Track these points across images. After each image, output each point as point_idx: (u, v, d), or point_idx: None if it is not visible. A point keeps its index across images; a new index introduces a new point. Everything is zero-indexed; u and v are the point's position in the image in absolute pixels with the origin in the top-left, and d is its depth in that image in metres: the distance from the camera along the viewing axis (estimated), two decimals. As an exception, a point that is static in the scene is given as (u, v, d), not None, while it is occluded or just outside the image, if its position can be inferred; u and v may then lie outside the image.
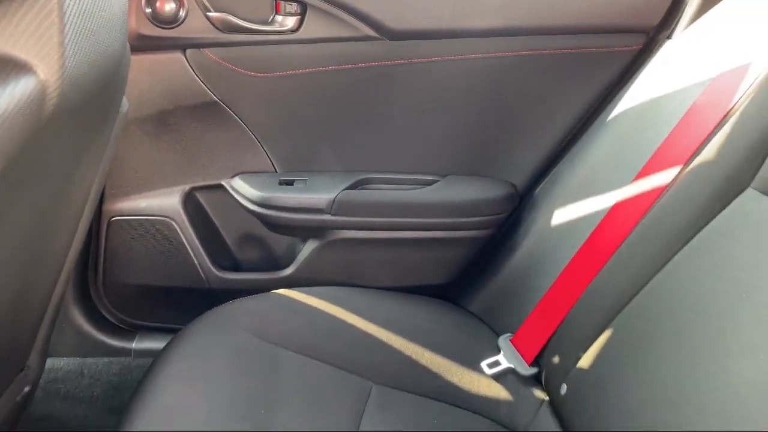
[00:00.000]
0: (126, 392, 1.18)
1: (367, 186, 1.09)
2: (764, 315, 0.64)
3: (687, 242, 0.79)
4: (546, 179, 1.09)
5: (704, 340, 0.69)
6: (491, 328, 1.07)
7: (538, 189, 1.11)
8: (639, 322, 0.80)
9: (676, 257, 0.79)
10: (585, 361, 0.86)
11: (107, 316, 1.17)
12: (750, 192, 0.75)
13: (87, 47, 0.56)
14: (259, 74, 1.00)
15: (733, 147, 0.79)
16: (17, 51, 0.50)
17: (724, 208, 0.77)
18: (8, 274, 0.71)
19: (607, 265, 0.90)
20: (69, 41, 0.52)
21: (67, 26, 0.52)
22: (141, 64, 0.97)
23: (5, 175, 0.54)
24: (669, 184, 0.86)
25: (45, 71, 0.52)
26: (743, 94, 0.82)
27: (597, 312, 0.87)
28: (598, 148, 1.01)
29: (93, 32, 0.57)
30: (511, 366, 0.98)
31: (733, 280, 0.71)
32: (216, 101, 1.02)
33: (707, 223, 0.78)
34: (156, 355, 0.87)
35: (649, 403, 0.72)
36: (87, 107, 0.66)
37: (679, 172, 0.85)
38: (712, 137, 0.83)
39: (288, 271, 1.12)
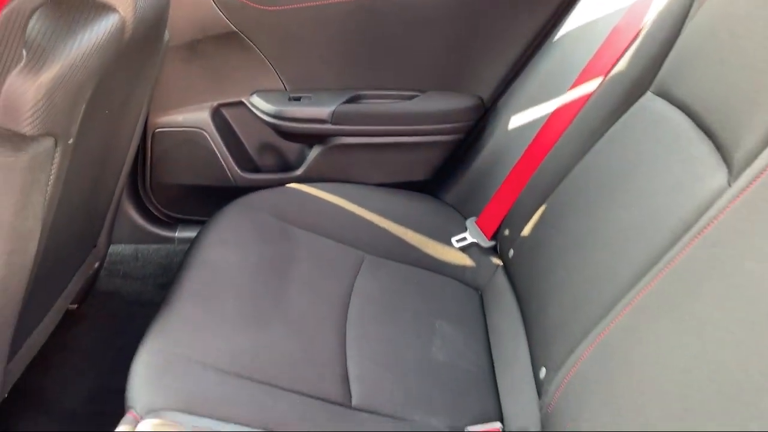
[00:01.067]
0: (172, 272, 1.42)
1: (360, 100, 1.30)
2: (647, 180, 0.86)
3: (602, 135, 1.00)
4: (506, 93, 1.30)
5: (602, 203, 0.91)
6: (461, 213, 1.29)
7: (500, 101, 1.31)
8: (564, 198, 1.03)
9: (594, 147, 1.01)
10: (526, 230, 1.09)
11: (153, 210, 1.40)
12: (649, 94, 0.96)
13: (150, -8, 0.77)
14: (270, 8, 1.20)
15: (638, 59, 0.99)
16: (105, -3, 0.71)
17: (630, 107, 0.98)
18: (89, 165, 0.94)
19: (546, 157, 1.12)
20: (139, -12, 0.73)
21: None
22: (174, 1, 1.16)
23: (96, 90, 0.76)
24: (593, 91, 1.07)
25: (124, 11, 0.73)
26: (649, 17, 1.01)
27: (537, 194, 1.10)
28: (545, 66, 1.21)
29: (153, -20, 0.77)
30: (475, 241, 1.21)
31: (629, 158, 0.92)
32: (236, 32, 1.22)
33: (617, 119, 0.99)
34: (199, 231, 1.11)
35: (564, 250, 0.95)
36: (145, 38, 0.87)
37: (602, 81, 1.06)
38: (626, 52, 1.03)
39: (298, 172, 1.35)
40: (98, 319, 1.36)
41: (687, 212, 0.73)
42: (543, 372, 0.86)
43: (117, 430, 0.74)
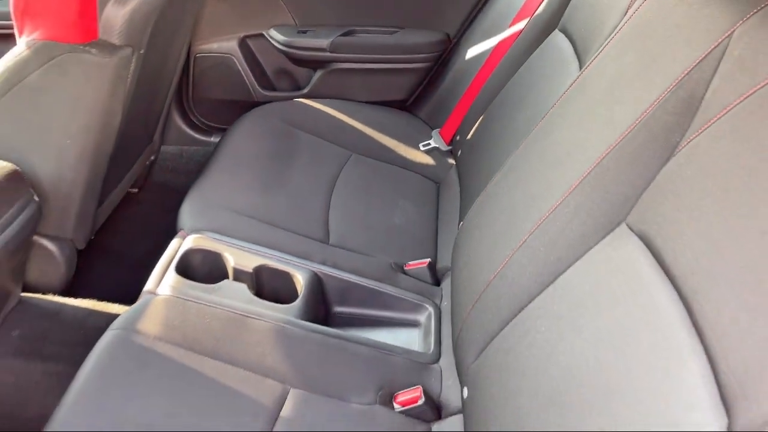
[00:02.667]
0: (208, 169, 1.78)
1: (353, 34, 1.62)
2: (538, 92, 1.17)
3: (521, 65, 1.31)
4: (467, 31, 1.60)
5: (513, 111, 1.23)
6: (429, 125, 1.62)
7: (462, 37, 1.62)
8: (494, 110, 1.34)
9: (516, 73, 1.32)
10: (470, 135, 1.42)
11: (194, 120, 1.75)
12: (555, 32, 1.26)
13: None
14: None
15: (551, 3, 1.29)
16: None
17: (540, 43, 1.28)
18: (151, 74, 1.28)
19: (487, 80, 1.43)
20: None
21: None
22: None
23: (158, 19, 1.10)
24: (522, 29, 1.37)
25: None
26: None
27: (479, 108, 1.42)
28: (496, 8, 1.52)
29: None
30: (437, 146, 1.54)
31: (533, 79, 1.23)
32: (258, -21, 1.54)
33: (534, 50, 1.30)
34: (227, 130, 1.46)
35: (488, 145, 1.27)
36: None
37: (528, 21, 1.36)
38: (545, -1, 1.33)
39: (304, 91, 1.68)
40: (154, 201, 1.73)
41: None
42: (461, 224, 1.20)
43: (172, 241, 1.11)
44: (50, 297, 1.22)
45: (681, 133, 0.67)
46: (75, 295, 1.29)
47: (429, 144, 1.54)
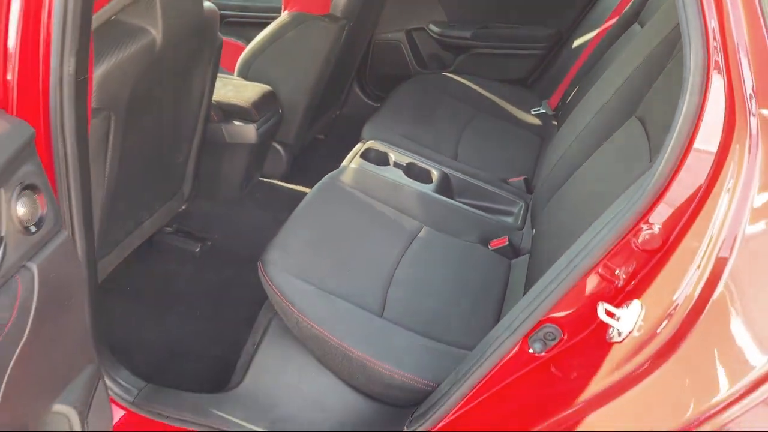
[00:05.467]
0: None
1: (488, 27, 2.14)
2: (611, 63, 1.61)
3: (609, 46, 1.75)
4: (575, 27, 2.06)
5: (595, 80, 1.68)
6: (540, 97, 2.09)
7: (571, 32, 2.08)
8: (585, 83, 1.79)
9: (603, 55, 1.76)
10: (568, 100, 1.87)
11: (368, 89, 2.35)
12: (635, 24, 1.69)
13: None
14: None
15: (635, 2, 1.72)
16: None
17: (622, 35, 1.72)
18: (346, 49, 1.87)
19: (583, 64, 1.88)
20: None
21: None
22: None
23: (360, 10, 1.68)
24: (611, 24, 1.81)
25: None
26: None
27: (576, 82, 1.87)
28: (596, 10, 1.96)
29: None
30: (544, 111, 2.01)
31: (614, 58, 1.67)
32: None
33: (617, 38, 1.73)
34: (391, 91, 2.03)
35: (575, 106, 1.73)
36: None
37: (617, 20, 1.80)
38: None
39: (450, 68, 2.22)
40: (334, 145, 2.34)
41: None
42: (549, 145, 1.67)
43: (357, 145, 1.68)
44: (276, 181, 1.85)
45: (668, 59, 1.12)
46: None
47: (538, 110, 2.01)
